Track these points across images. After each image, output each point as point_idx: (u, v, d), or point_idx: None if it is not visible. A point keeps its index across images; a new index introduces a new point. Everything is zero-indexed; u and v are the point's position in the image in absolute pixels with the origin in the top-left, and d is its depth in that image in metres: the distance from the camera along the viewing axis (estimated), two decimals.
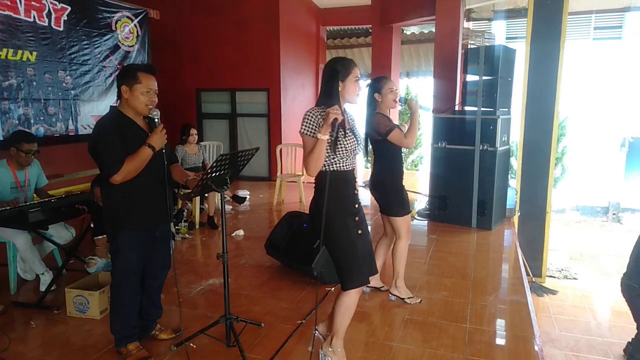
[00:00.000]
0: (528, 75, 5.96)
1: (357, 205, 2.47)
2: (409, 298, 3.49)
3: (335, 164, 2.38)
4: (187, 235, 5.16)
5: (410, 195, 7.36)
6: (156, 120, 2.55)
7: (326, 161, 2.35)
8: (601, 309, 5.57)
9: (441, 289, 3.79)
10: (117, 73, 5.02)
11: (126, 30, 6.46)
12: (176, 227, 5.19)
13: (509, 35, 14.21)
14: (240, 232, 5.25)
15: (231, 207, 6.43)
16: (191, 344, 2.80)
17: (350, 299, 2.43)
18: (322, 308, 3.33)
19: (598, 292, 6.01)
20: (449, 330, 3.11)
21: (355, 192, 2.49)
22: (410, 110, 3.33)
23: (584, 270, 7.12)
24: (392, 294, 3.54)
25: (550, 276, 6.39)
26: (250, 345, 2.80)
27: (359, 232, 2.44)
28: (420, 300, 3.51)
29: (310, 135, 2.31)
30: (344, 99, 2.41)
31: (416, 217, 6.03)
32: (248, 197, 6.94)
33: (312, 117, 2.32)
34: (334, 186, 2.37)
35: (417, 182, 8.98)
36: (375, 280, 3.63)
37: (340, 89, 2.37)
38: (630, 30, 13.86)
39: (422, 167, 13.51)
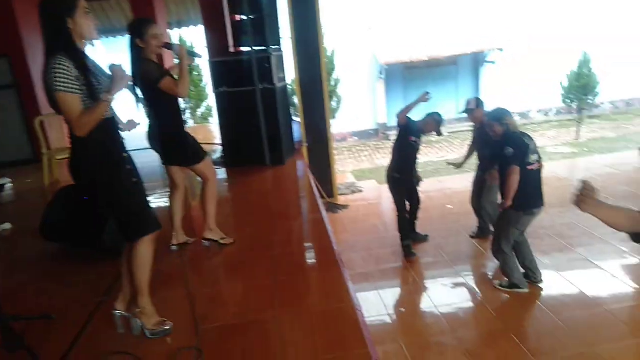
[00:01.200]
0: (292, 12, 6.23)
1: (126, 154, 2.26)
2: (222, 239, 3.47)
3: None
4: None
5: (206, 147, 7.27)
6: None
7: None
8: (384, 211, 6.54)
9: (247, 226, 3.87)
10: None
11: None
12: None
13: None
14: (7, 226, 4.39)
15: None
16: None
17: (145, 248, 2.28)
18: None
19: (379, 198, 7.01)
20: (260, 261, 3.22)
21: (122, 139, 2.27)
22: (178, 57, 3.13)
23: (367, 184, 8.18)
24: (205, 240, 3.46)
25: (342, 194, 7.16)
26: (40, 342, 2.41)
27: (134, 180, 2.26)
28: (234, 241, 3.52)
29: (72, 92, 1.98)
30: (80, 38, 2.08)
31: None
32: (9, 184, 5.80)
33: (63, 70, 1.96)
34: (97, 139, 2.11)
35: (210, 134, 8.83)
36: (180, 236, 3.50)
37: (71, 27, 2.03)
38: None
39: (212, 119, 13.33)
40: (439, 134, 4.95)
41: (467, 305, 4.02)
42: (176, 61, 3.25)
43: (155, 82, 2.99)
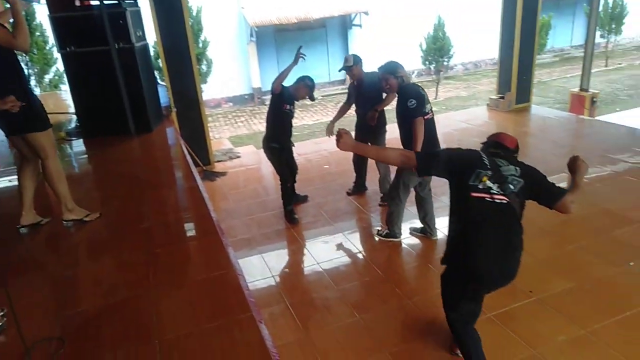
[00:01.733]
0: None
1: None
2: (87, 216, 3.12)
3: None
4: None
5: (58, 117, 6.42)
6: None
7: None
8: (264, 175, 6.48)
9: (114, 200, 3.53)
10: None
11: None
12: None
13: None
14: None
15: None
16: None
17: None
18: None
19: (258, 162, 6.92)
20: (131, 235, 2.96)
21: None
22: (9, 2, 2.64)
23: (245, 149, 8.00)
24: (66, 221, 3.07)
25: (218, 161, 6.91)
26: None
27: None
28: (100, 214, 3.18)
29: None
30: None
31: (67, 138, 5.29)
32: None
33: None
34: None
35: (62, 102, 7.82)
36: (30, 216, 3.06)
37: None
38: None
39: (64, 86, 11.80)
40: (312, 98, 4.84)
41: (348, 259, 4.19)
42: (7, 5, 2.73)
43: None
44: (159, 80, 6.52)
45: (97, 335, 2.03)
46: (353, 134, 5.11)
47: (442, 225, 4.50)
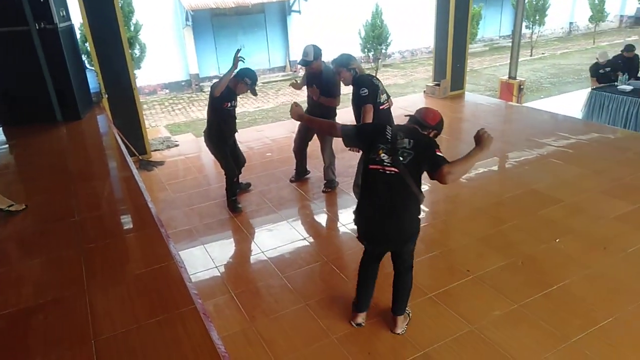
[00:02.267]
0: None
1: None
2: (10, 206, 2.89)
3: None
4: None
5: None
6: None
7: None
8: (204, 164, 6.29)
9: (40, 193, 3.27)
10: None
11: None
12: None
13: None
14: None
15: None
16: None
17: None
18: None
19: (198, 151, 6.71)
20: (61, 230, 2.76)
21: None
22: None
23: (183, 138, 7.72)
24: None
25: (155, 150, 6.63)
26: None
27: None
28: (26, 206, 2.95)
29: None
30: None
31: None
32: None
33: None
34: None
35: None
36: None
37: None
38: None
39: None
40: (254, 93, 4.55)
41: (293, 247, 4.17)
42: None
43: None
44: (87, 65, 6.11)
45: (25, 340, 1.88)
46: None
47: None
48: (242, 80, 4.35)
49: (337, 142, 5.27)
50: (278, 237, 4.30)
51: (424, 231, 4.21)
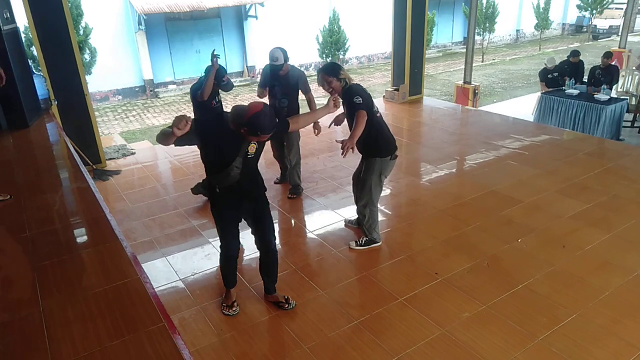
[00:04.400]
0: None
1: None
2: None
3: None
4: None
5: None
6: None
7: None
8: (162, 172, 6.07)
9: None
10: None
11: None
12: None
13: None
14: None
15: None
16: None
17: None
18: None
19: (155, 159, 6.47)
20: (11, 247, 2.56)
21: None
22: None
23: (139, 145, 7.45)
24: None
25: (110, 159, 6.34)
26: None
27: None
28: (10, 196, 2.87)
29: None
30: None
31: None
32: None
33: None
34: None
35: None
36: None
37: None
38: None
39: None
40: (228, 88, 4.53)
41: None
42: None
43: None
44: (34, 70, 5.77)
45: None
46: None
47: (350, 214, 4.59)
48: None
49: (303, 145, 5.24)
50: (247, 245, 4.18)
51: (389, 235, 4.26)
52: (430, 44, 18.90)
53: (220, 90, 4.57)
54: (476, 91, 9.46)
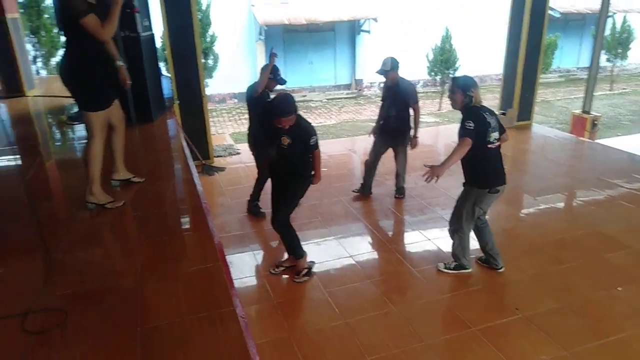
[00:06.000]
0: None
1: None
2: (109, 203, 3.12)
3: None
4: None
5: (61, 101, 6.43)
6: None
7: None
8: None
9: (111, 189, 3.52)
10: None
11: None
12: None
13: None
14: None
15: None
16: None
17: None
18: None
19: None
20: (126, 223, 2.97)
21: None
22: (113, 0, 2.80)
23: (245, 146, 7.99)
24: (89, 203, 3.08)
25: (218, 156, 6.92)
26: None
27: None
28: (124, 202, 3.18)
29: None
30: None
31: (68, 122, 5.30)
32: None
33: None
34: None
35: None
36: (123, 172, 3.49)
37: None
38: None
39: None
40: (283, 82, 4.77)
41: (339, 263, 4.18)
42: None
43: (78, 15, 2.66)
44: (163, 72, 6.53)
45: (80, 321, 2.03)
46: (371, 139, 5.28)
47: (435, 235, 4.52)
48: (271, 77, 4.56)
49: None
50: (325, 252, 4.33)
51: (474, 262, 4.12)
52: (550, 68, 17.69)
53: (274, 87, 4.68)
54: (595, 122, 8.68)
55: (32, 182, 3.77)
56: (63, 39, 3.06)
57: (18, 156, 4.51)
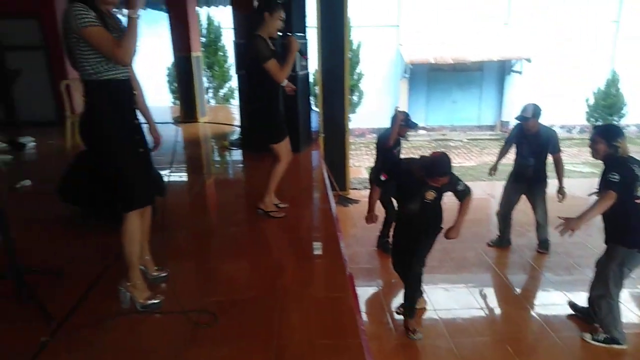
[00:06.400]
0: (319, 2, 6.22)
1: (137, 121, 2.30)
2: (272, 212, 3.63)
3: (109, 70, 2.10)
4: None
5: (224, 128, 7.35)
6: None
7: (96, 67, 2.08)
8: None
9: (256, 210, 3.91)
10: None
11: None
12: None
13: None
14: (27, 182, 4.51)
15: (11, 156, 5.43)
16: None
17: (129, 224, 2.29)
18: None
19: None
20: (268, 243, 3.28)
21: (134, 107, 2.30)
22: (289, 49, 3.26)
23: None
24: (259, 209, 3.63)
25: (354, 188, 7.17)
26: (51, 296, 2.48)
27: (141, 150, 2.30)
28: (284, 214, 3.66)
29: (96, 24, 2.00)
30: (103, 2, 2.09)
31: (230, 147, 6.02)
32: (32, 143, 5.94)
33: (81, 9, 1.98)
34: (110, 99, 2.14)
35: (230, 115, 8.91)
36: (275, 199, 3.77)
37: None
38: None
39: (234, 101, 13.39)
40: (414, 126, 4.92)
41: (467, 313, 4.01)
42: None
43: (262, 60, 3.11)
44: (313, 107, 7.05)
45: (223, 325, 2.29)
46: (502, 184, 5.05)
47: (582, 299, 4.07)
48: (403, 124, 4.77)
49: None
50: (453, 300, 4.19)
51: (633, 340, 3.58)
52: None
53: (406, 132, 4.84)
54: None
55: (196, 197, 4.37)
56: (234, 76, 3.57)
57: (186, 174, 5.25)
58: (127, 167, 2.22)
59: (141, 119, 2.39)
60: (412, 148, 15.60)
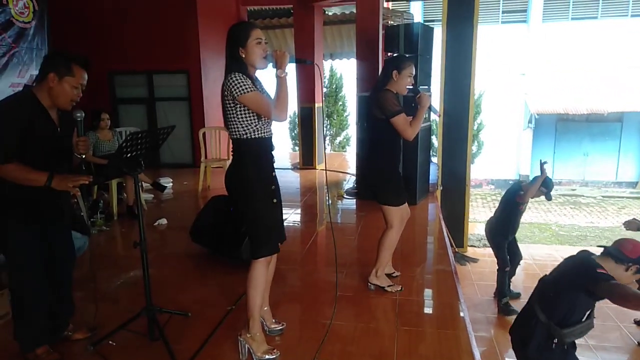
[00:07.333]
0: (445, 55, 6.16)
1: (274, 173, 2.43)
2: (389, 286, 3.32)
3: (257, 130, 2.29)
4: (105, 228, 4.79)
5: (339, 176, 7.48)
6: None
7: (247, 128, 2.27)
8: (517, 273, 5.97)
9: (371, 264, 3.81)
10: (44, 56, 4.43)
11: (20, 4, 5.80)
12: (91, 220, 4.80)
13: (426, 19, 14.70)
14: (164, 221, 4.97)
15: (152, 195, 6.07)
16: (110, 342, 2.58)
17: (257, 271, 2.35)
18: None
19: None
20: (381, 304, 3.15)
21: (274, 159, 2.43)
22: (420, 104, 3.06)
23: None
24: (371, 283, 3.34)
25: (472, 246, 6.75)
26: (177, 336, 2.63)
27: (274, 200, 2.40)
28: (401, 288, 3.32)
29: (254, 90, 2.21)
30: (251, 65, 2.29)
31: (345, 196, 6.08)
32: (171, 184, 6.60)
33: (240, 78, 2.19)
34: (256, 155, 2.32)
35: (345, 162, 9.08)
36: (388, 267, 3.47)
37: (243, 55, 2.26)
38: (535, 13, 14.89)
39: (349, 148, 13.70)
40: (549, 198, 5.07)
41: None
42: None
43: (391, 115, 2.96)
44: (431, 159, 6.88)
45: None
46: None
47: None
48: (542, 187, 4.95)
49: None
50: None
51: None
52: None
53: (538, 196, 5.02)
54: None
55: (309, 248, 4.43)
56: (351, 124, 3.54)
57: (300, 221, 5.37)
58: (261, 216, 2.33)
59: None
60: (536, 202, 14.40)
